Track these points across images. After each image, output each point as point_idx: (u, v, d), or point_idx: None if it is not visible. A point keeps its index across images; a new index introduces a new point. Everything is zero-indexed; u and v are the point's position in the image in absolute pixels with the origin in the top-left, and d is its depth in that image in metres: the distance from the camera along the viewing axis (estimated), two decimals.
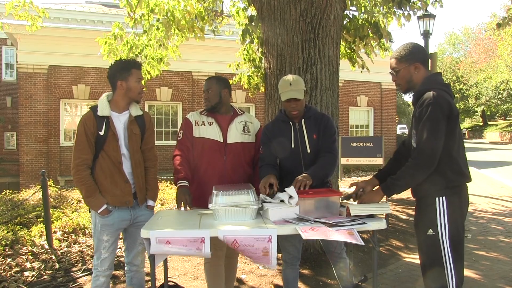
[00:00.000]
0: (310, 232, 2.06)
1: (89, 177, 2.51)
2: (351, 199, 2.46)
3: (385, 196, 2.33)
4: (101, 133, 2.51)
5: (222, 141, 2.82)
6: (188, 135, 2.86)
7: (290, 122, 2.72)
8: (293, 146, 2.68)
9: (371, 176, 2.53)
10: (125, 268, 2.81)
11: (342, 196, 2.47)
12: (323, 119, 2.74)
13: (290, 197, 2.33)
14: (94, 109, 2.57)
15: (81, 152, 2.49)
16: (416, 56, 2.23)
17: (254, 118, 3.07)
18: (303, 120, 2.70)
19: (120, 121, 2.59)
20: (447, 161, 2.08)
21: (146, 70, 6.85)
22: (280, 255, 4.34)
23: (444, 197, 2.09)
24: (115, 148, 2.54)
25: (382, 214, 2.37)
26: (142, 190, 2.67)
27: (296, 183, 2.40)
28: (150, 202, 2.73)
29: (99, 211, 2.51)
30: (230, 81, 3.02)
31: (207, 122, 2.86)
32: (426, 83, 2.18)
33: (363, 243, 2.03)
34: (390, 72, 2.33)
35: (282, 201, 2.35)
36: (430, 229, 2.10)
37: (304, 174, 2.49)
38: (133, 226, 2.66)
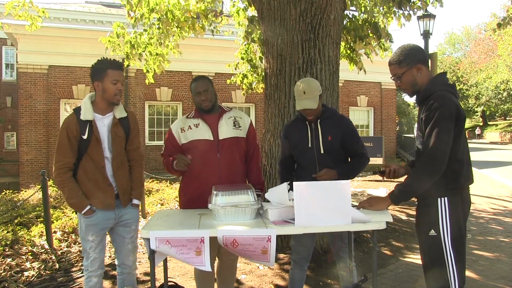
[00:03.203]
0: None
1: (71, 179, 2.47)
2: (383, 176, 2.40)
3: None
4: (84, 137, 2.46)
5: (213, 138, 2.76)
6: (171, 149, 2.83)
7: (307, 122, 2.74)
8: (309, 145, 2.70)
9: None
10: (117, 270, 2.76)
11: (376, 170, 2.51)
12: (342, 121, 2.76)
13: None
14: (77, 111, 2.50)
15: (62, 155, 2.46)
16: (416, 57, 2.19)
17: (243, 113, 3.03)
18: (319, 121, 2.71)
19: (103, 123, 2.54)
20: (451, 163, 2.06)
21: (151, 66, 6.88)
22: (280, 255, 4.34)
23: (446, 198, 2.08)
24: (98, 152, 2.50)
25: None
26: (126, 191, 2.63)
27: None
28: (135, 201, 2.70)
29: (83, 212, 2.48)
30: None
31: (193, 125, 2.80)
32: (432, 84, 2.16)
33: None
34: (392, 78, 2.28)
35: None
36: (432, 230, 2.09)
37: (331, 172, 2.58)
38: (119, 225, 2.64)
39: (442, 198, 2.08)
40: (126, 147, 2.65)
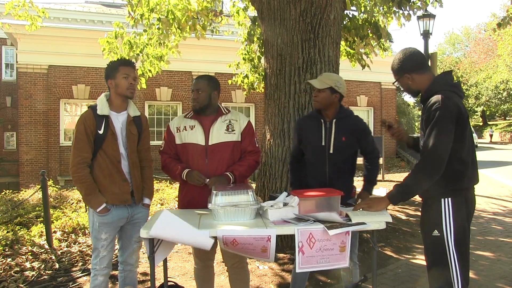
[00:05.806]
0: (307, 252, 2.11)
1: (89, 175, 2.51)
2: (389, 131, 2.50)
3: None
4: (100, 132, 2.51)
5: (204, 143, 2.70)
6: (170, 146, 2.81)
7: (322, 120, 2.76)
8: (322, 143, 2.73)
9: None
10: (118, 268, 2.78)
11: (385, 122, 2.57)
12: (357, 121, 2.81)
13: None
14: (93, 108, 2.56)
15: (81, 150, 2.49)
16: (403, 67, 2.23)
17: (242, 115, 2.87)
18: (334, 120, 2.73)
19: (118, 120, 2.60)
20: (454, 163, 2.06)
21: (147, 68, 6.86)
22: (280, 255, 4.34)
23: (449, 198, 2.08)
24: (114, 147, 2.54)
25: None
26: (139, 189, 2.69)
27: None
28: (146, 200, 2.74)
29: (98, 210, 2.50)
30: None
31: (189, 126, 2.75)
32: (434, 84, 2.16)
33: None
34: (394, 84, 2.39)
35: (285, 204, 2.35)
36: (435, 230, 2.09)
37: (366, 196, 2.77)
38: (130, 224, 2.67)
39: (446, 199, 2.08)
40: (138, 147, 2.70)
